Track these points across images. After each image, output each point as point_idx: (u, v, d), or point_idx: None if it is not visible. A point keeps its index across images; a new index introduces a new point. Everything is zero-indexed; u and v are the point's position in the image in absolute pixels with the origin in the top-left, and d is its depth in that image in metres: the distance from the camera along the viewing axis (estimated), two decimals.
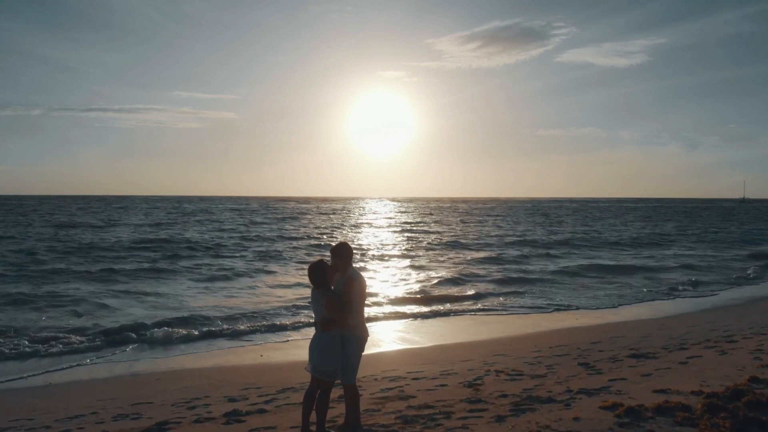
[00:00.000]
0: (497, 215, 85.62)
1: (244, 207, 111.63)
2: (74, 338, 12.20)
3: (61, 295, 17.42)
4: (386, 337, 12.69)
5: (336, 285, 5.79)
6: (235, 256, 28.76)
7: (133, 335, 12.54)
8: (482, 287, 19.91)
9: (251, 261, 27.12)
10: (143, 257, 27.59)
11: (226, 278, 21.79)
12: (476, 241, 39.04)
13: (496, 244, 37.68)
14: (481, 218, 74.61)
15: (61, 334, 12.57)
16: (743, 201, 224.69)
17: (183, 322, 13.84)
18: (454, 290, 19.13)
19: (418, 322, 14.42)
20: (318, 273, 5.70)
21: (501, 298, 17.88)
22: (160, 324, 13.43)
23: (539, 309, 16.17)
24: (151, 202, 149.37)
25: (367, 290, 6.05)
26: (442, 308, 16.06)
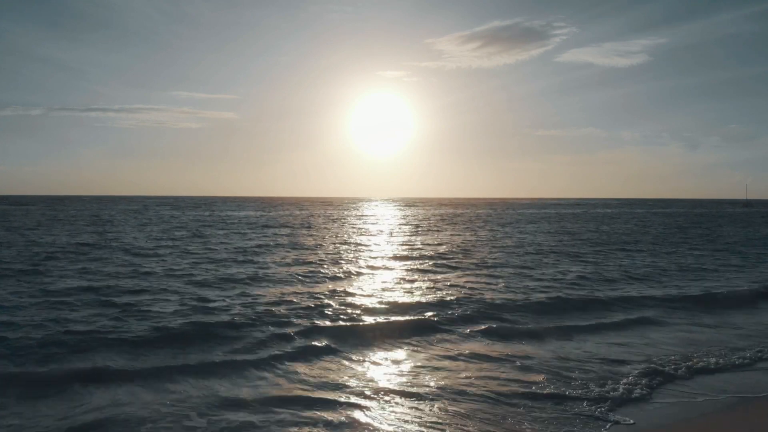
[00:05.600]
0: (530, 229, 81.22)
1: (238, 218, 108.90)
2: None
3: None
4: None
5: None
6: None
7: None
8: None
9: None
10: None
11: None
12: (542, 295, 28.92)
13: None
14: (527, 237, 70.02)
15: None
16: (747, 204, 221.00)
17: None
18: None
19: None
20: None
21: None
22: None
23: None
24: (144, 204, 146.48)
25: None
26: None
